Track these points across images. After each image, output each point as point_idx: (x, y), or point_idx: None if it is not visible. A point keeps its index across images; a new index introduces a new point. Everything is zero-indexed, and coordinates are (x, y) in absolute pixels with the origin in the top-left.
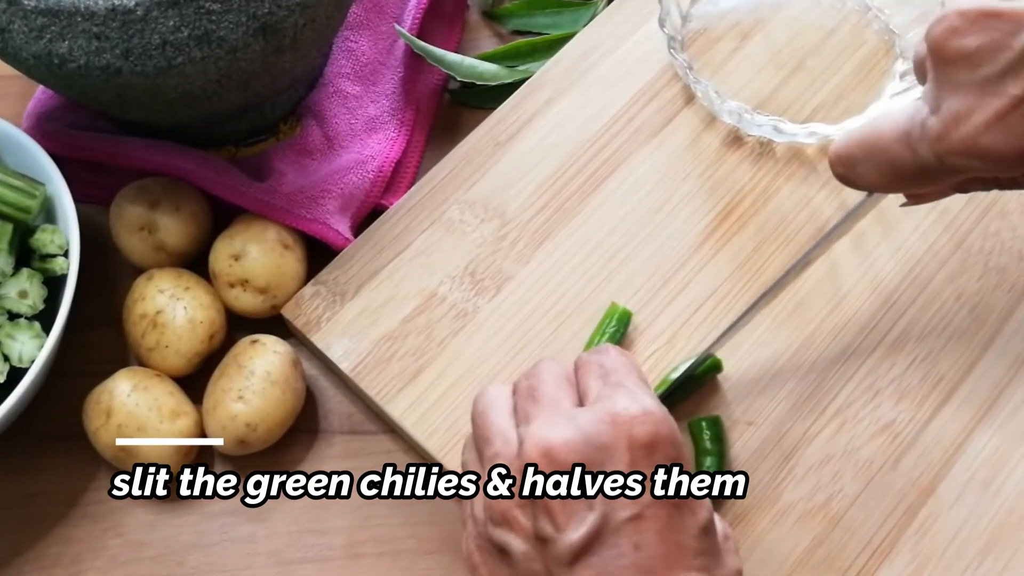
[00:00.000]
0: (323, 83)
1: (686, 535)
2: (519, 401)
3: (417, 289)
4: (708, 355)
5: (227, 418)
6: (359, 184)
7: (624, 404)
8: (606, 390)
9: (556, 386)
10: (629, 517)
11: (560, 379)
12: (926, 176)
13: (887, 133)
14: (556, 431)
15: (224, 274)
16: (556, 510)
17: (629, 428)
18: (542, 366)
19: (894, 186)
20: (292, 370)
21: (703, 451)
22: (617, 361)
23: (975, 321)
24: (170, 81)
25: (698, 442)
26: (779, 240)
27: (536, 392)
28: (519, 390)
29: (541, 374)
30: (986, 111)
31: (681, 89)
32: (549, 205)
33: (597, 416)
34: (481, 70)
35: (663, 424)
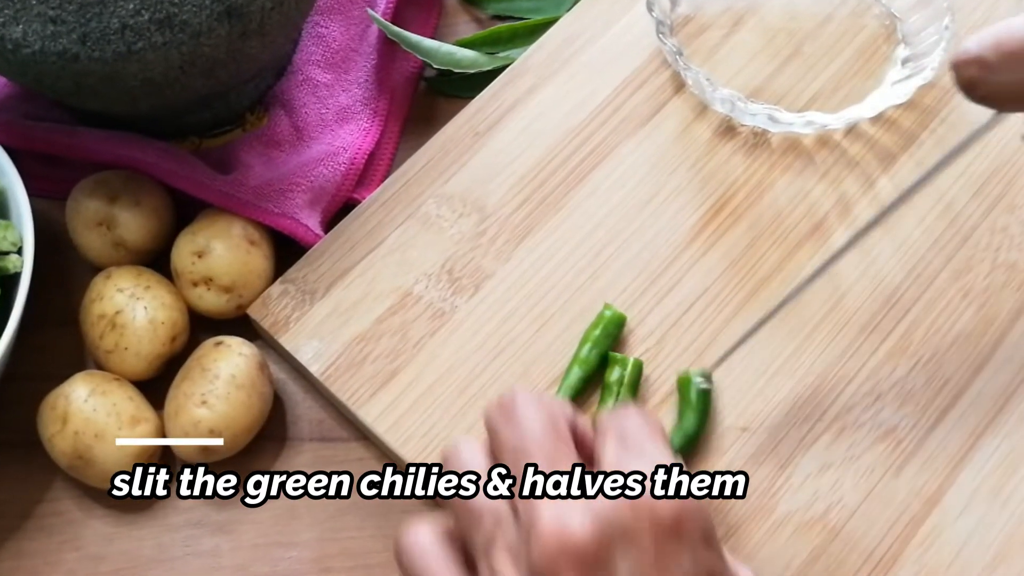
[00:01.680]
0: (292, 71)
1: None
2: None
3: (391, 288)
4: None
5: (190, 424)
6: (330, 177)
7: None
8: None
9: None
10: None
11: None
12: None
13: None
14: (572, 516)
15: (187, 272)
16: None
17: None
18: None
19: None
20: (259, 373)
21: (688, 405)
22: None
23: (982, 321)
24: (130, 68)
25: (684, 396)
26: (774, 236)
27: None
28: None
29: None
30: None
31: (670, 76)
32: (531, 199)
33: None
34: (459, 57)
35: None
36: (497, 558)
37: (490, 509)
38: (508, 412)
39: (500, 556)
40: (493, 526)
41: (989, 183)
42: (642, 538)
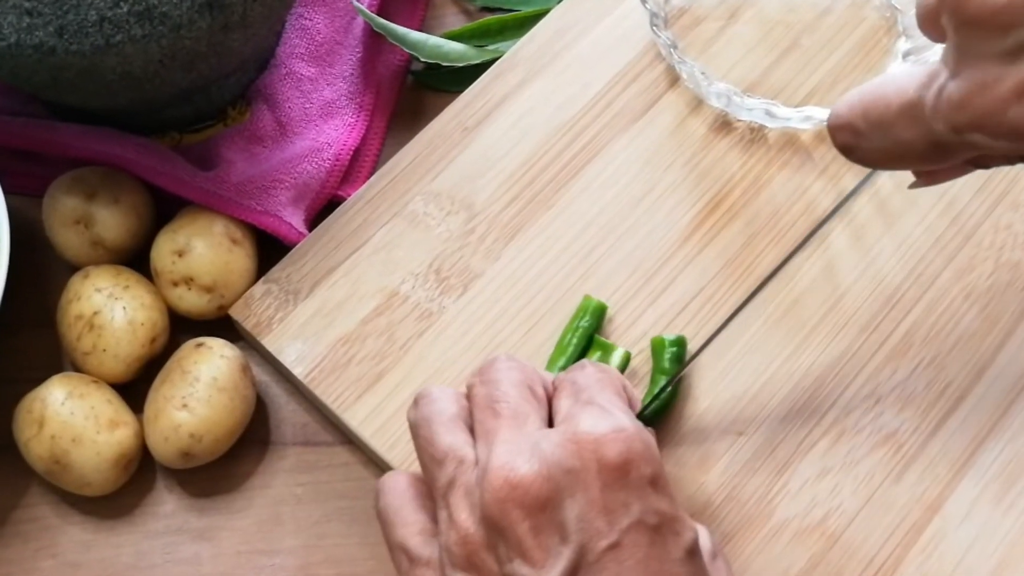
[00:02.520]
0: (275, 64)
1: (670, 561)
2: (476, 412)
3: (377, 288)
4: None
5: (170, 428)
6: (314, 173)
7: (591, 423)
8: (575, 408)
9: (520, 398)
10: (607, 547)
11: (523, 389)
12: (940, 153)
13: (895, 102)
14: (522, 459)
15: (167, 271)
16: (530, 547)
17: (596, 449)
18: (500, 370)
19: (902, 163)
20: (241, 376)
21: (660, 370)
22: (591, 377)
23: (985, 322)
24: (108, 61)
25: (658, 360)
26: (771, 234)
27: (497, 405)
28: (476, 398)
29: (500, 382)
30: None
31: (665, 70)
32: (521, 196)
33: (564, 438)
34: (447, 50)
35: (635, 441)
36: (454, 501)
37: (454, 453)
38: (485, 370)
39: (457, 499)
40: (455, 469)
41: (992, 180)
42: (589, 480)
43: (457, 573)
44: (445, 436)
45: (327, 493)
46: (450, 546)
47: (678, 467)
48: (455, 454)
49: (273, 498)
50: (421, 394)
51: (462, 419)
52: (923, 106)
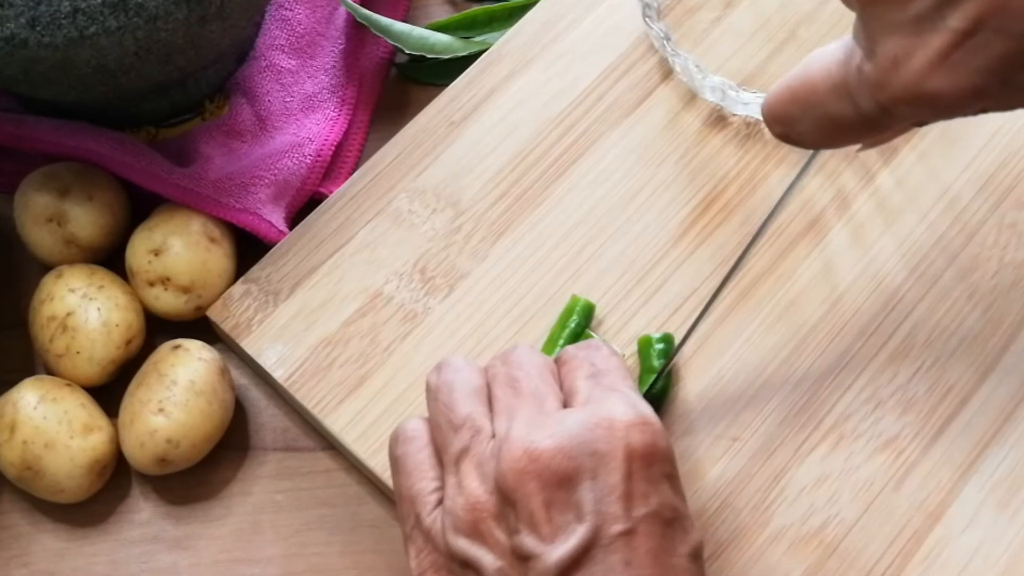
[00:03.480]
0: (254, 56)
1: (678, 556)
2: (496, 389)
3: (360, 288)
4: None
5: (146, 433)
6: (295, 170)
7: (622, 409)
8: (598, 392)
9: (541, 379)
10: (621, 532)
11: (544, 372)
12: (872, 127)
13: (820, 85)
14: (543, 433)
15: (143, 271)
16: (541, 521)
17: (626, 436)
18: (523, 354)
19: (840, 141)
20: (219, 379)
21: (648, 369)
22: (610, 361)
23: (989, 323)
24: (82, 54)
25: (646, 359)
26: (768, 232)
27: (518, 383)
28: (496, 377)
29: (523, 364)
30: (927, 51)
31: (657, 63)
32: (509, 193)
33: (592, 420)
34: (432, 41)
35: (661, 436)
36: (465, 469)
37: (472, 422)
38: (507, 354)
39: (468, 467)
40: (471, 438)
41: (996, 177)
42: (614, 465)
43: (460, 538)
44: (465, 403)
45: (308, 500)
46: (456, 511)
47: None
48: (473, 423)
49: (253, 506)
50: (445, 361)
51: (483, 393)
52: (848, 86)
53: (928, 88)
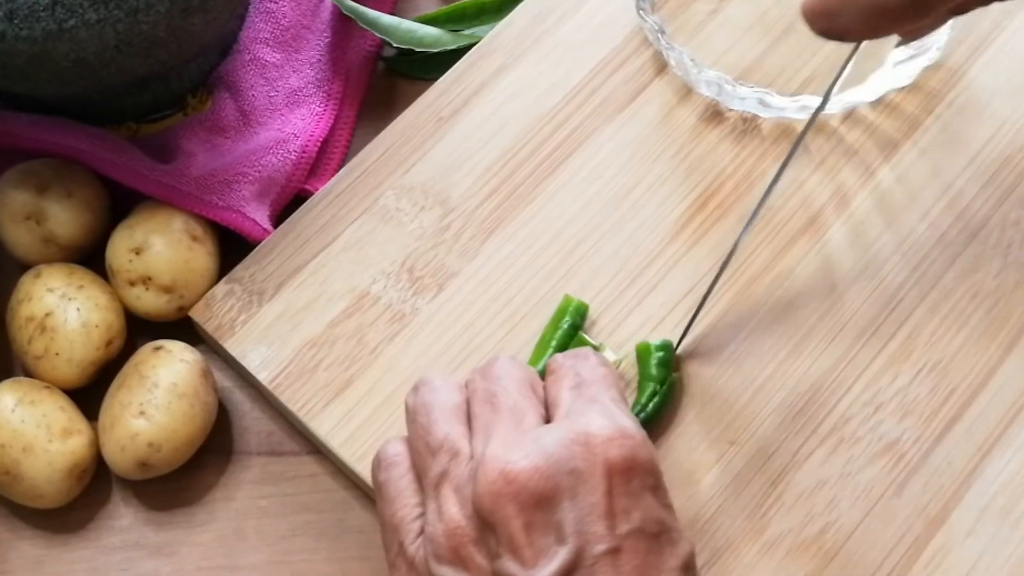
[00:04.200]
0: (238, 50)
1: (667, 571)
2: (475, 406)
3: (347, 288)
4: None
5: (127, 437)
6: (279, 166)
7: (599, 423)
8: (578, 404)
9: (520, 394)
10: (605, 551)
11: (524, 386)
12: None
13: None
14: (519, 453)
15: (123, 270)
16: (521, 545)
17: (605, 451)
18: (502, 367)
19: (884, 28)
20: (202, 381)
21: (647, 376)
22: (596, 371)
23: (992, 324)
24: (61, 47)
25: (644, 367)
26: (766, 230)
27: (496, 399)
28: (475, 392)
29: (502, 378)
30: None
31: (652, 57)
32: (499, 191)
33: (568, 436)
34: (421, 35)
35: (642, 448)
36: (444, 493)
37: (450, 444)
38: (487, 367)
39: (447, 492)
40: (448, 461)
41: (1000, 173)
42: (593, 482)
43: (442, 567)
44: (443, 425)
45: (293, 506)
46: (436, 537)
47: (665, 478)
48: (451, 446)
49: (236, 511)
50: (422, 381)
51: (462, 411)
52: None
53: None
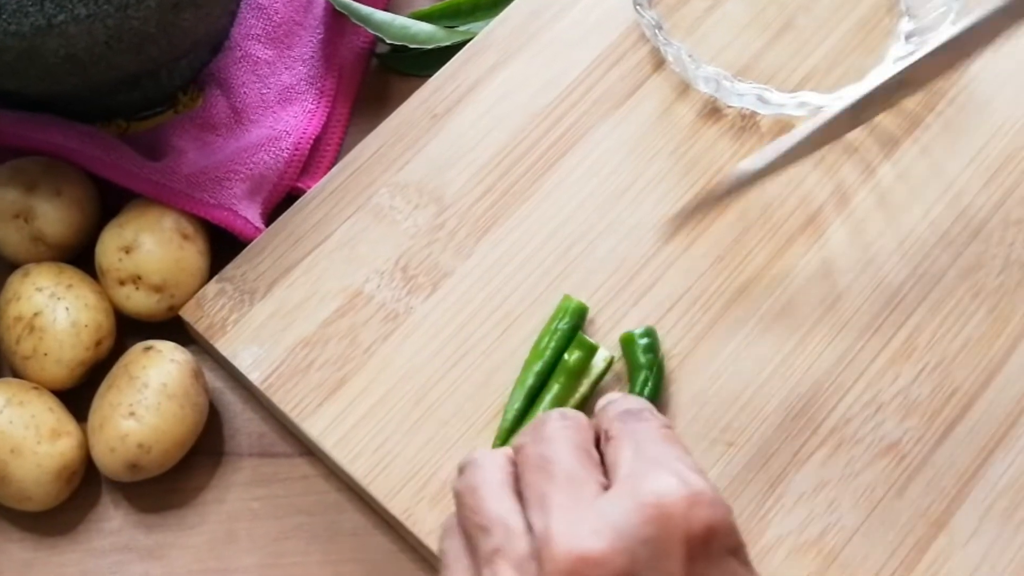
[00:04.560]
0: (229, 46)
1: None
2: (527, 474)
3: (339, 287)
4: None
5: (116, 438)
6: (271, 164)
7: (668, 483)
8: (639, 465)
9: (576, 459)
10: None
11: (579, 449)
12: None
13: None
14: (587, 529)
15: (113, 269)
16: None
17: (679, 514)
18: (555, 429)
19: None
20: (193, 382)
21: (636, 366)
22: (654, 430)
23: (995, 323)
24: (50, 43)
25: (631, 356)
26: (764, 228)
27: (550, 465)
28: (526, 459)
29: (555, 441)
30: None
31: (649, 53)
32: (494, 188)
33: (638, 503)
34: (414, 31)
35: (719, 506)
36: (501, 571)
37: (501, 520)
38: (538, 427)
39: (503, 569)
40: (503, 538)
41: (1003, 171)
42: (672, 550)
43: None
44: (492, 503)
45: (285, 508)
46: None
47: None
48: (502, 522)
49: (227, 513)
50: (466, 461)
51: (510, 485)
52: None
53: None
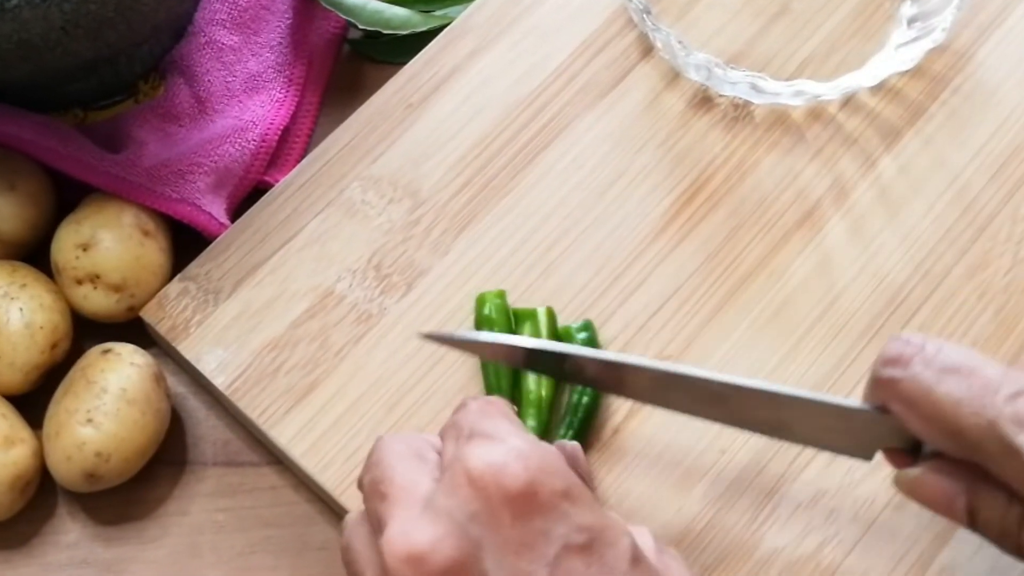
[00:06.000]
0: (193, 32)
1: (618, 574)
2: (367, 504)
3: (309, 286)
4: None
5: (73, 446)
6: (237, 156)
7: (478, 455)
8: (457, 448)
9: (405, 468)
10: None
11: (409, 458)
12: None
13: None
14: (415, 528)
15: (70, 268)
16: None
17: (493, 481)
18: (381, 448)
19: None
20: (154, 387)
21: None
22: (471, 411)
23: (1001, 325)
24: (3, 28)
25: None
26: (758, 224)
27: (381, 487)
28: (365, 491)
29: (382, 462)
30: None
31: (636, 39)
32: (473, 182)
33: (454, 484)
34: (388, 15)
35: (531, 458)
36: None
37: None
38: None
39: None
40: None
41: (1010, 163)
42: (498, 518)
43: None
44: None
45: (252, 520)
46: None
47: (653, 489)
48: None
49: (191, 526)
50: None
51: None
52: None
53: None
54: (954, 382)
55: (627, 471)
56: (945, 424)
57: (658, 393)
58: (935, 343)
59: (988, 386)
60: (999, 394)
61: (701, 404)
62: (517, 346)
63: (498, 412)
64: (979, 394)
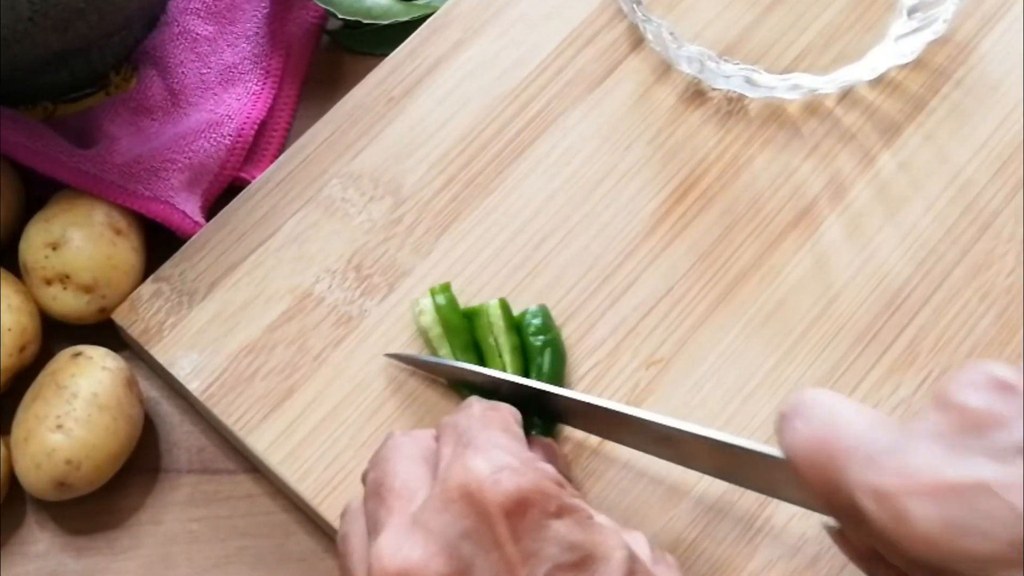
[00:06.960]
0: (166, 22)
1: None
2: (367, 502)
3: (287, 288)
4: None
5: (42, 453)
6: (212, 152)
7: (471, 467)
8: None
9: (408, 473)
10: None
11: (414, 461)
12: None
13: None
14: (407, 543)
15: (39, 268)
16: None
17: (486, 496)
18: (390, 446)
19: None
20: (126, 392)
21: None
22: (473, 417)
23: (1004, 328)
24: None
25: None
26: (752, 223)
27: (382, 488)
28: (367, 487)
29: (388, 459)
30: None
31: (626, 30)
32: (456, 179)
33: (445, 500)
34: (369, 4)
35: (525, 474)
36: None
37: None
38: (378, 451)
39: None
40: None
41: (1013, 160)
42: (488, 533)
43: None
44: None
45: (228, 530)
46: None
47: (644, 498)
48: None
49: (164, 536)
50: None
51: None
52: None
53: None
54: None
55: (618, 479)
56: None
57: (613, 431)
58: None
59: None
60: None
61: (655, 446)
62: (481, 374)
63: (498, 422)
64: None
